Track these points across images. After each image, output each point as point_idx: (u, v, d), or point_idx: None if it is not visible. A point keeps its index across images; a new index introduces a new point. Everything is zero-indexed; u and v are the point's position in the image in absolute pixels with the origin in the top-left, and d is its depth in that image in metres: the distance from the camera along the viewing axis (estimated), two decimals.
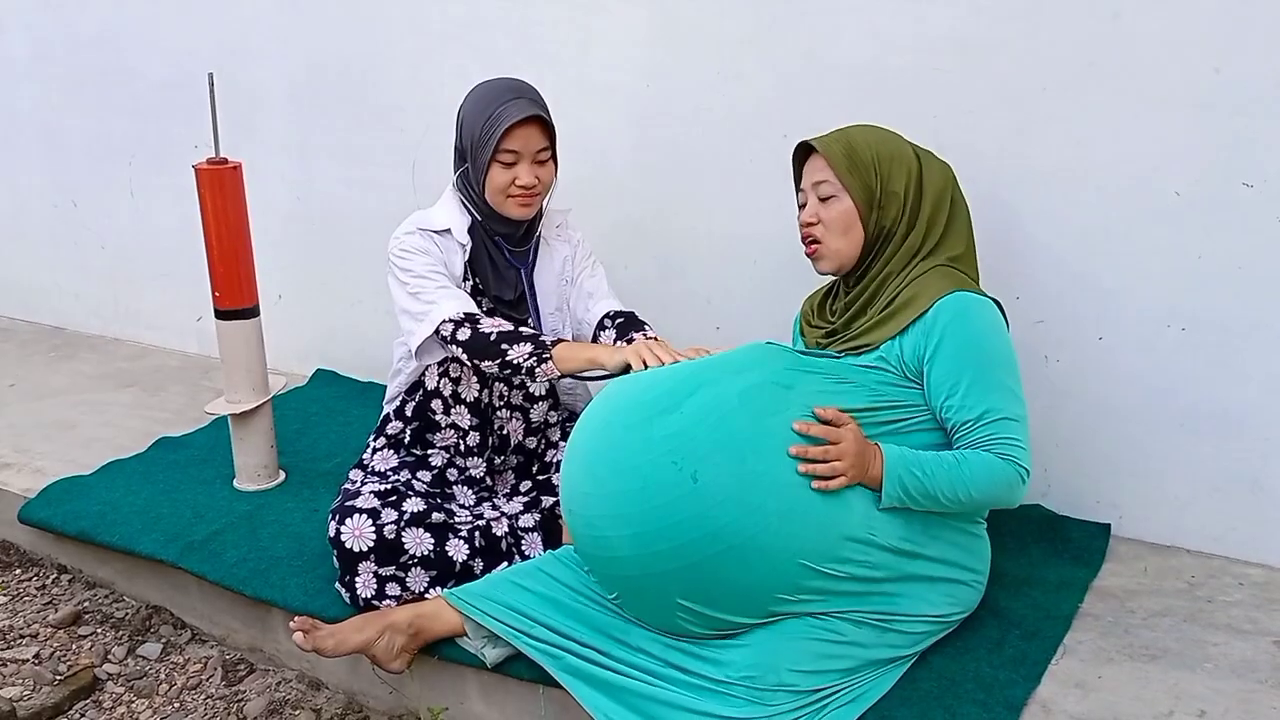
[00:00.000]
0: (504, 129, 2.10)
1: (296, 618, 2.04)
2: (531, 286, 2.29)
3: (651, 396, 1.84)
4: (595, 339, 2.27)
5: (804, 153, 2.07)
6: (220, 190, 2.46)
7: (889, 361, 1.93)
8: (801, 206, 2.07)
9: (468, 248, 2.22)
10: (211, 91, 2.42)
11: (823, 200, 2.01)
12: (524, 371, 2.08)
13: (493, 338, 2.08)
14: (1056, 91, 2.23)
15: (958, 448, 1.90)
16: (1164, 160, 2.17)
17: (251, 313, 2.57)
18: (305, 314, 3.30)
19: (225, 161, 2.47)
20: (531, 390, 2.33)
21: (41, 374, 3.49)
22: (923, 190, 2.01)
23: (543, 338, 2.09)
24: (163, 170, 3.41)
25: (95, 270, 3.75)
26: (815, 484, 1.78)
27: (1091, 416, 2.35)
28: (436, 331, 2.13)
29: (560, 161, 2.24)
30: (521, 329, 2.11)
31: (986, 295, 1.98)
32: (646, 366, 1.92)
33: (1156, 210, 2.19)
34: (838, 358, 1.97)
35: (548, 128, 2.17)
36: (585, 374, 2.07)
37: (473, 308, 2.15)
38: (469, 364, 2.13)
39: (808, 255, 2.07)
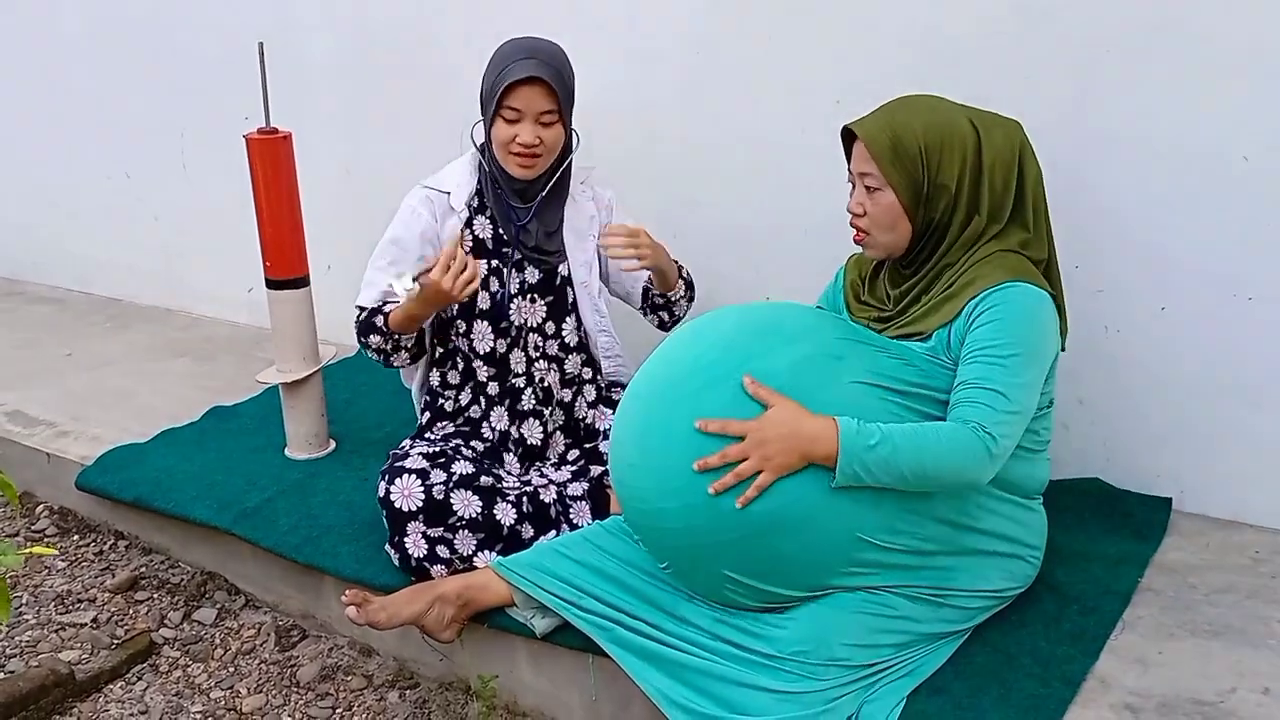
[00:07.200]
0: (505, 85, 2.13)
1: (348, 591, 2.06)
2: (561, 243, 2.33)
3: (701, 365, 1.82)
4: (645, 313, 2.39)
5: (852, 133, 1.92)
6: (270, 160, 2.47)
7: (939, 352, 1.85)
8: (853, 187, 1.96)
9: (463, 215, 2.29)
10: (262, 60, 2.42)
11: (869, 191, 1.89)
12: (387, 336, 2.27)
13: (363, 316, 2.29)
14: (1121, 55, 2.16)
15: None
16: (1232, 126, 2.10)
17: (302, 283, 2.58)
18: (354, 285, 3.26)
19: (275, 131, 2.47)
20: (565, 340, 2.35)
21: (97, 344, 3.54)
22: (981, 171, 1.86)
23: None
24: (214, 143, 3.43)
25: (148, 243, 3.80)
26: (714, 489, 1.73)
27: (1153, 389, 2.29)
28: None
29: (608, 130, 2.21)
30: (377, 320, 2.27)
31: (1045, 288, 1.86)
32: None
33: (1224, 177, 2.13)
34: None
35: (556, 91, 2.15)
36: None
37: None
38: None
39: (856, 241, 1.96)
